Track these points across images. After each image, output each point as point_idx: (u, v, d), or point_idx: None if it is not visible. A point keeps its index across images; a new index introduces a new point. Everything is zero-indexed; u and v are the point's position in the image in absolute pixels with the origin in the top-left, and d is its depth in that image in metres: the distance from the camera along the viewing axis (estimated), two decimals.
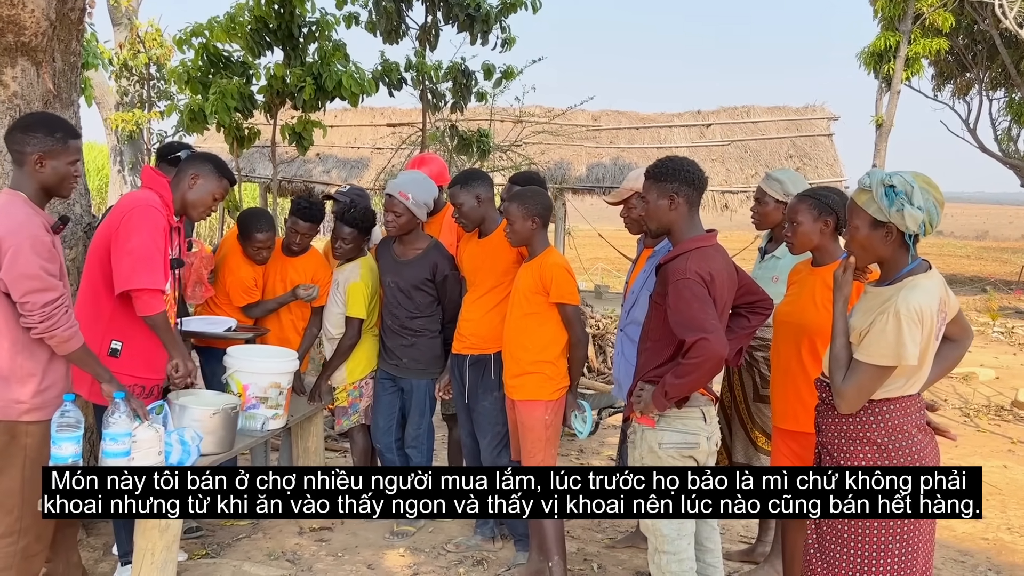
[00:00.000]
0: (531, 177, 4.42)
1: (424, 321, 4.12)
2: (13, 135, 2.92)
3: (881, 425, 2.42)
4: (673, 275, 2.77)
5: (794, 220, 3.16)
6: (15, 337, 2.81)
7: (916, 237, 2.35)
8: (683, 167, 2.90)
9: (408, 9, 8.57)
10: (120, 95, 16.09)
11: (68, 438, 2.76)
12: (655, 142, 14.61)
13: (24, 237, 2.76)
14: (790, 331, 3.16)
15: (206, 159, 3.50)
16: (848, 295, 2.53)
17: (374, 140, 14.69)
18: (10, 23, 3.48)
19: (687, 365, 2.66)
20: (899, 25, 16.67)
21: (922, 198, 2.30)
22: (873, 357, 2.33)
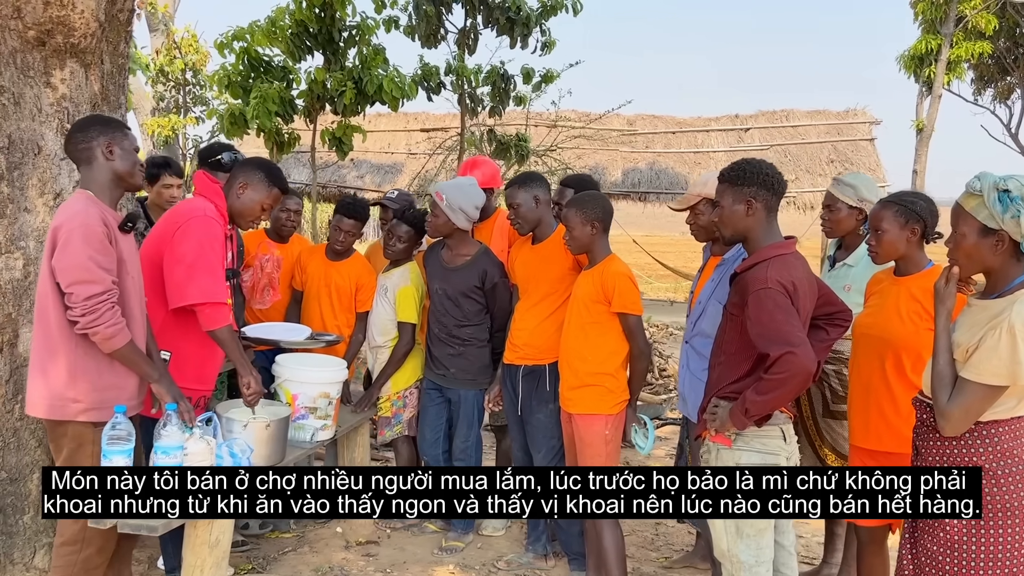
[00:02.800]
0: (583, 180, 4.29)
1: (473, 330, 4.00)
2: (74, 137, 2.87)
3: (989, 449, 2.24)
4: (753, 284, 2.60)
5: (879, 227, 2.97)
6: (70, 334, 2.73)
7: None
8: (762, 170, 2.73)
9: (448, 13, 8.49)
10: (156, 100, 16.21)
11: (118, 451, 2.67)
12: (692, 147, 14.41)
13: (76, 225, 2.69)
14: (872, 344, 2.99)
15: (258, 166, 3.38)
16: (951, 308, 2.35)
17: (408, 145, 14.63)
18: (59, 24, 3.41)
19: (771, 380, 2.49)
20: (940, 28, 16.32)
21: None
22: (983, 376, 2.16)
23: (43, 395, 2.74)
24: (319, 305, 4.35)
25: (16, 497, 3.37)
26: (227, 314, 3.12)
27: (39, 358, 2.77)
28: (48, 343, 2.74)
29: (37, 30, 3.37)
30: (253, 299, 4.21)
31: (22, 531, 3.40)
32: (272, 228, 4.44)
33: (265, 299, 4.25)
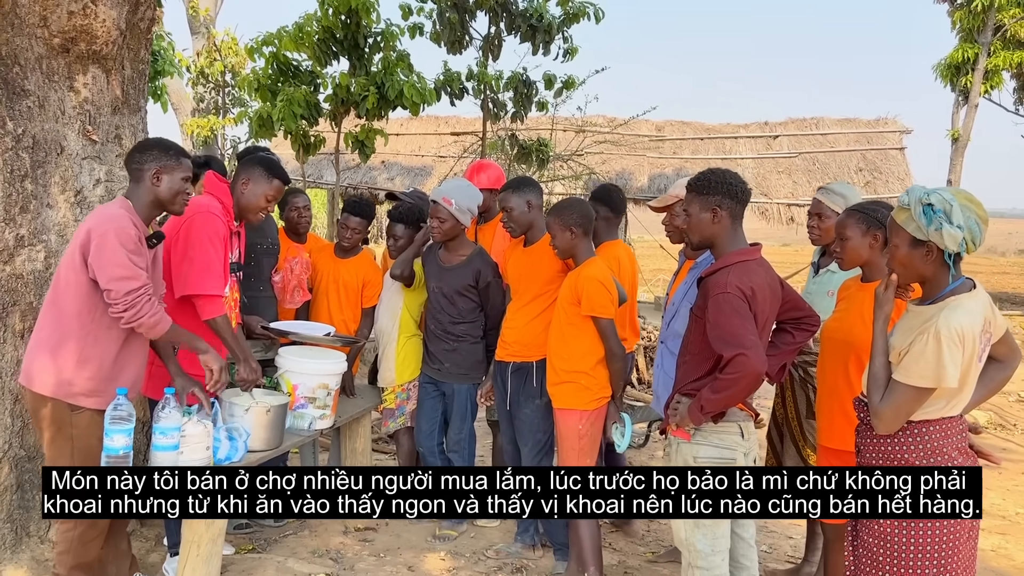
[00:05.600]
0: (608, 190, 4.31)
1: (466, 327, 4.16)
2: (132, 156, 3.09)
3: (920, 447, 2.36)
4: (714, 289, 2.74)
5: (843, 235, 3.10)
6: (85, 322, 2.95)
7: (958, 256, 2.29)
8: (726, 179, 2.87)
9: (471, 20, 8.67)
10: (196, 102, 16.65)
11: (120, 430, 2.88)
12: (720, 153, 14.44)
13: (110, 228, 2.88)
14: (837, 348, 3.10)
15: (257, 162, 3.60)
16: (889, 313, 2.47)
17: (438, 148, 14.88)
18: (83, 32, 3.66)
19: (724, 380, 2.63)
20: (978, 37, 16.14)
21: (962, 216, 2.24)
22: (912, 378, 2.28)
23: (49, 372, 2.95)
24: (327, 301, 4.54)
25: (33, 474, 3.61)
26: (222, 306, 3.33)
27: (48, 339, 2.97)
28: (60, 328, 2.95)
29: (62, 38, 3.61)
30: (284, 299, 4.39)
31: (38, 506, 3.64)
32: (288, 229, 4.64)
33: (296, 299, 4.43)
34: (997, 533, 4.97)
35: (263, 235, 4.27)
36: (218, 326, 3.34)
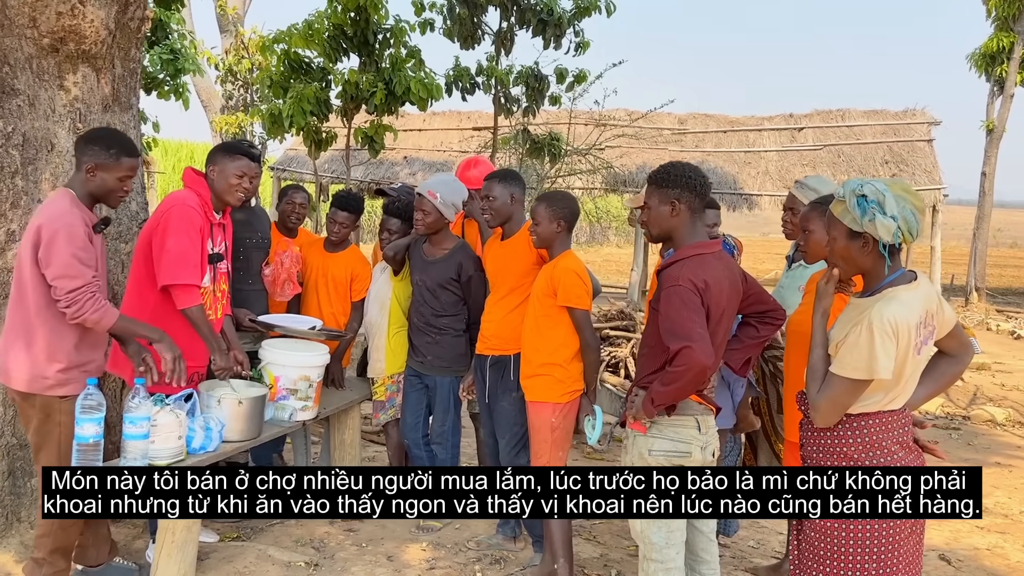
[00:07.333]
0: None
1: (449, 320, 4.20)
2: (78, 143, 3.20)
3: (858, 440, 2.34)
4: (667, 281, 2.74)
5: (806, 228, 3.08)
6: (47, 317, 3.06)
7: (894, 247, 2.27)
8: (685, 173, 2.86)
9: (483, 15, 8.70)
10: (225, 99, 16.90)
11: (90, 419, 2.96)
12: (743, 146, 14.28)
13: (60, 226, 2.99)
14: (801, 341, 3.06)
15: (218, 149, 3.67)
16: (828, 307, 2.45)
17: (460, 144, 14.93)
18: (71, 32, 3.75)
19: (671, 373, 2.63)
20: (1014, 25, 15.76)
21: (896, 207, 2.22)
22: (846, 370, 2.26)
23: (24, 369, 3.06)
24: (317, 294, 4.61)
25: (25, 462, 3.73)
26: (197, 296, 3.41)
27: (18, 335, 3.09)
28: (26, 323, 3.06)
29: (51, 38, 3.71)
30: (275, 293, 4.47)
31: (29, 492, 3.76)
32: (280, 222, 4.71)
33: (286, 292, 4.49)
34: (996, 532, 4.89)
35: (253, 230, 4.35)
36: (193, 315, 3.41)
